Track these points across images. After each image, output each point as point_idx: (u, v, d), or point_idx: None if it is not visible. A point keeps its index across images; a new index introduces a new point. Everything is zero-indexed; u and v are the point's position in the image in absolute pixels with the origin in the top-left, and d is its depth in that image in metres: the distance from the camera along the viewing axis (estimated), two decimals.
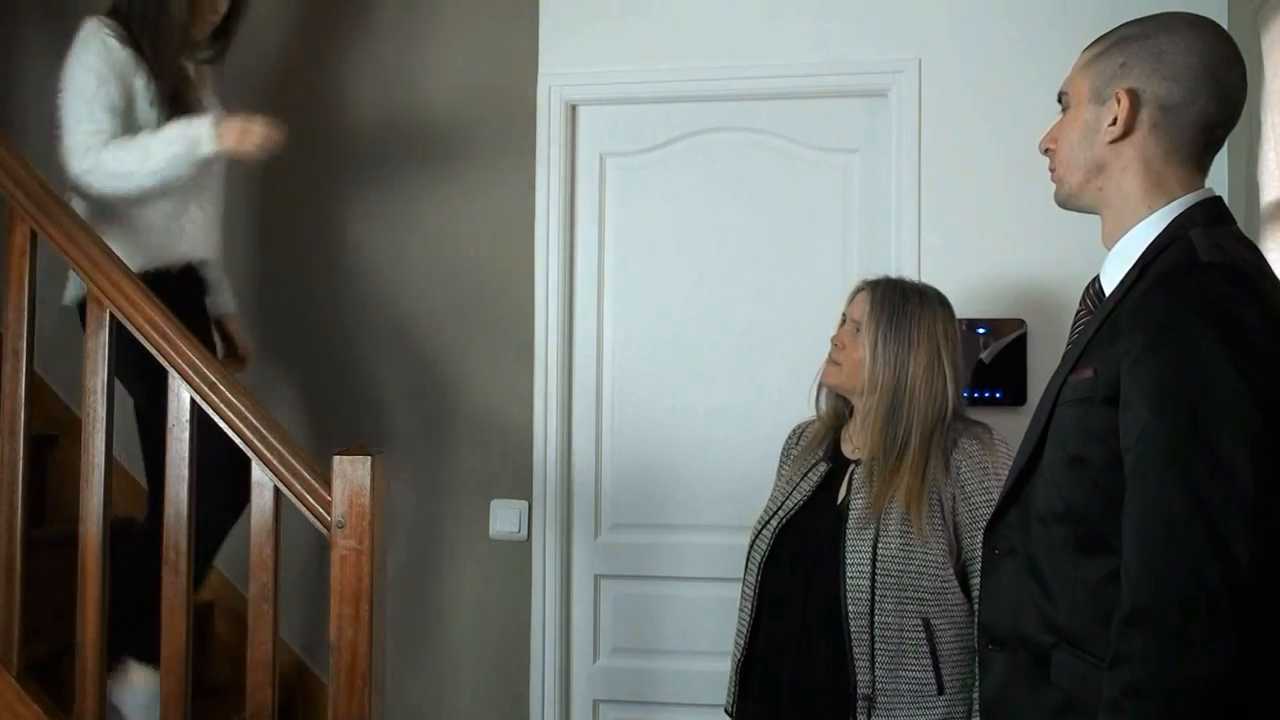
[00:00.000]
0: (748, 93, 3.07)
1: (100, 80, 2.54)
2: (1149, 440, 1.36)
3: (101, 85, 2.54)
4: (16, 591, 2.39)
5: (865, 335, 2.31)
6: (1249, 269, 1.44)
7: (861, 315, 2.33)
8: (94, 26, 2.58)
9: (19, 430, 2.41)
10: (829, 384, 2.40)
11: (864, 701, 2.15)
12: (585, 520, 3.12)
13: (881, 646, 2.16)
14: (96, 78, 2.54)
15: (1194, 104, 1.52)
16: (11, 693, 2.37)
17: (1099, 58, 1.58)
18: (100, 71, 2.54)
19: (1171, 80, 1.52)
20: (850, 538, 2.22)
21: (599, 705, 3.10)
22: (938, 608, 2.17)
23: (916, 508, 2.19)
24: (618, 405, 3.14)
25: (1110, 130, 1.55)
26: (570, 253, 3.15)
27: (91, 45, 2.56)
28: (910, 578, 2.17)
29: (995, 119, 2.92)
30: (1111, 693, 1.34)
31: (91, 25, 2.59)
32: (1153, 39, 1.54)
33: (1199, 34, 1.54)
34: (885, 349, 2.28)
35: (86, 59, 2.55)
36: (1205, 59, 1.52)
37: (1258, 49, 2.43)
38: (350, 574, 2.17)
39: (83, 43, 2.57)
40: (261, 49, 3.25)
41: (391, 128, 3.20)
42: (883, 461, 2.26)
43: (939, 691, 2.15)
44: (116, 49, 2.57)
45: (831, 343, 2.40)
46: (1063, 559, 1.48)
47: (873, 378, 2.28)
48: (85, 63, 2.55)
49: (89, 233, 2.41)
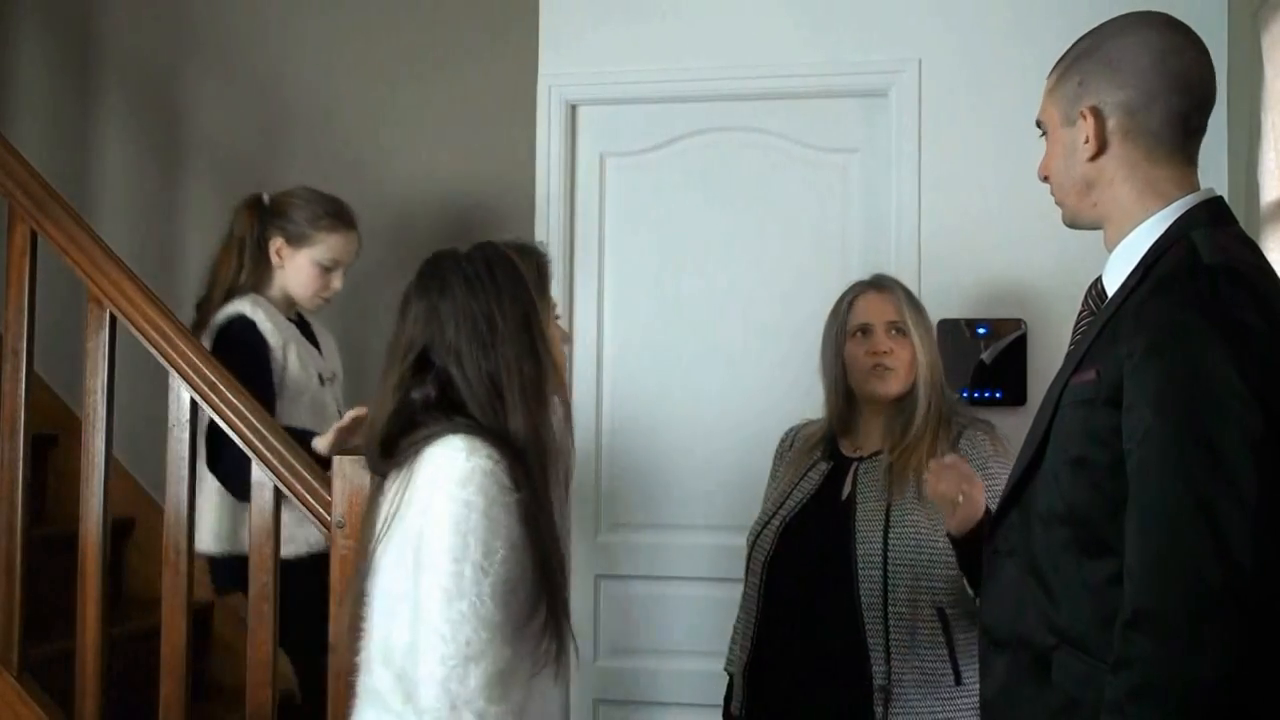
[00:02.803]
0: (748, 93, 3.07)
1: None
2: (1151, 442, 1.36)
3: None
4: (16, 591, 2.39)
5: (913, 332, 2.34)
6: (1251, 270, 1.44)
7: (896, 315, 2.35)
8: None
9: (19, 430, 2.41)
10: (889, 395, 2.34)
11: (880, 693, 2.15)
12: (585, 520, 3.12)
13: (896, 636, 2.16)
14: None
15: (1156, 102, 1.52)
16: (11, 693, 2.37)
17: (1060, 81, 1.60)
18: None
19: (1128, 86, 1.52)
20: (861, 530, 2.22)
21: (599, 705, 3.10)
22: (951, 597, 2.17)
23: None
24: (618, 405, 3.14)
25: (1086, 149, 1.55)
26: (570, 253, 3.15)
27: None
28: (923, 567, 2.18)
29: (995, 119, 2.92)
30: (1114, 695, 1.34)
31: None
32: (1102, 49, 1.55)
33: (1144, 32, 1.54)
34: (928, 341, 2.36)
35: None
36: (1154, 55, 1.52)
37: (1258, 49, 2.43)
38: (350, 574, 2.17)
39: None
40: (262, 49, 3.25)
41: (392, 128, 3.20)
42: (901, 449, 2.29)
43: (956, 681, 2.16)
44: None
45: (869, 355, 2.34)
46: (1065, 561, 1.48)
47: (928, 371, 2.33)
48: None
49: (89, 233, 2.41)
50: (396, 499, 1.65)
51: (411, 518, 1.62)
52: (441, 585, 1.56)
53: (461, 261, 1.72)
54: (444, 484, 1.59)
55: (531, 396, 1.67)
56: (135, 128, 3.31)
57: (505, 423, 1.65)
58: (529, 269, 1.75)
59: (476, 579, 1.56)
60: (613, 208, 3.17)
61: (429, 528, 1.59)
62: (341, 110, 3.23)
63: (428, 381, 1.68)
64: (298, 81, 3.25)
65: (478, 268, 1.71)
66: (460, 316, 1.68)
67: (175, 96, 3.30)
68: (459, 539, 1.57)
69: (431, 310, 1.70)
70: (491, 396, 1.66)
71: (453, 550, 1.56)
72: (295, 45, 3.25)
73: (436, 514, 1.59)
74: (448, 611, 1.55)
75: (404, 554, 1.62)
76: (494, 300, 1.68)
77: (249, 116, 3.26)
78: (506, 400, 1.66)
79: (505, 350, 1.67)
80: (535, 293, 1.74)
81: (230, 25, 3.28)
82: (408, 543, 1.62)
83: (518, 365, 1.67)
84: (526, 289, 1.72)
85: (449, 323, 1.68)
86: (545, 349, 1.71)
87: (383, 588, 1.66)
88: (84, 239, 2.39)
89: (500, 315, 1.67)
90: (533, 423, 1.66)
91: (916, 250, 2.94)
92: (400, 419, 1.69)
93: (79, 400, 2.41)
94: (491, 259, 1.73)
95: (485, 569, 1.57)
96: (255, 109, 3.26)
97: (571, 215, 3.16)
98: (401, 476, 1.66)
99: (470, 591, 1.56)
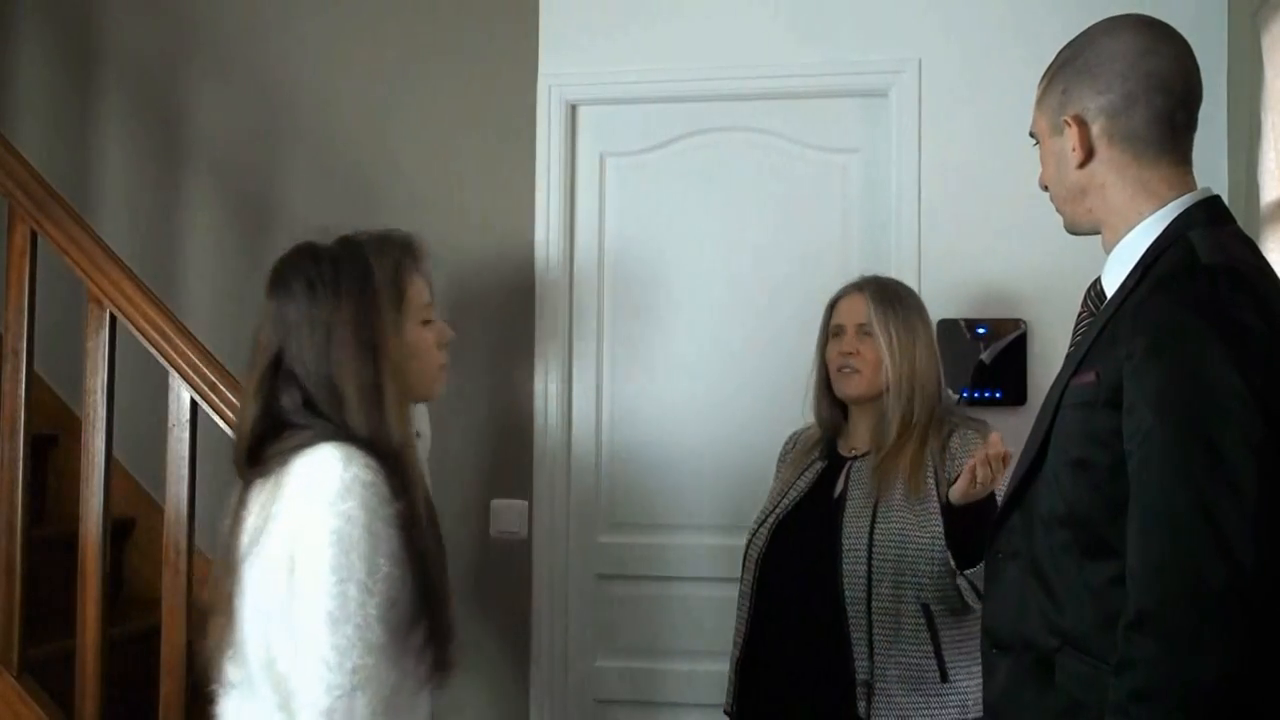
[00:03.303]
0: (748, 93, 3.07)
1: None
2: (1152, 443, 1.36)
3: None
4: (16, 591, 2.39)
5: (879, 334, 2.33)
6: (1250, 270, 1.44)
7: (864, 317, 2.34)
8: None
9: (19, 430, 2.41)
10: (852, 396, 2.37)
11: (863, 687, 2.16)
12: (585, 520, 3.12)
13: (879, 632, 2.17)
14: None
15: (1137, 104, 1.52)
16: (11, 693, 2.37)
17: (1046, 92, 1.61)
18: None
19: (1107, 91, 1.53)
20: (847, 524, 2.24)
21: (599, 705, 3.10)
22: (937, 594, 2.18)
23: (917, 482, 2.23)
24: (618, 406, 3.14)
25: (1074, 156, 1.56)
26: (570, 252, 3.15)
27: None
28: (907, 563, 2.18)
29: (995, 119, 2.91)
30: (1117, 697, 1.34)
31: None
32: (1081, 57, 1.57)
33: (1118, 35, 1.55)
34: (899, 344, 2.32)
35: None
36: (1129, 57, 1.53)
37: (1258, 49, 2.43)
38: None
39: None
40: (262, 49, 3.25)
41: (392, 128, 3.20)
42: (889, 447, 2.29)
43: (942, 679, 2.16)
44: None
45: (838, 356, 2.37)
46: (1066, 562, 1.48)
47: (895, 373, 2.31)
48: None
49: (89, 233, 2.41)
50: (264, 511, 1.56)
51: (282, 532, 1.53)
52: (325, 609, 1.48)
53: (307, 262, 1.66)
54: (321, 497, 1.51)
55: (371, 402, 1.60)
56: (135, 128, 3.31)
57: (371, 429, 1.58)
58: (384, 267, 1.67)
59: (362, 599, 1.49)
60: (613, 208, 3.17)
61: (306, 545, 1.51)
62: (341, 111, 3.22)
63: (293, 385, 1.62)
64: (298, 82, 3.25)
65: (323, 269, 1.64)
66: (302, 321, 1.62)
67: (175, 96, 3.30)
68: (341, 556, 1.49)
69: (279, 314, 1.65)
70: (334, 401, 1.59)
71: (335, 569, 1.49)
72: (295, 46, 3.25)
73: (315, 530, 1.50)
74: (333, 637, 1.48)
75: (274, 572, 1.54)
76: (333, 304, 1.62)
77: (249, 117, 3.26)
78: (346, 405, 1.59)
79: (342, 355, 1.60)
80: (387, 293, 1.66)
81: (230, 26, 3.28)
82: (278, 560, 1.53)
83: (355, 372, 1.60)
84: (373, 291, 1.64)
85: (293, 327, 1.63)
86: (388, 353, 1.63)
87: (254, 606, 1.57)
88: (84, 239, 2.40)
89: (339, 320, 1.61)
90: (375, 429, 1.59)
91: (916, 250, 2.94)
92: (265, 424, 1.62)
93: (79, 400, 2.41)
94: (339, 259, 1.66)
95: (370, 588, 1.50)
96: (255, 109, 3.26)
97: (571, 215, 3.16)
98: (268, 487, 1.58)
99: (356, 614, 1.49)
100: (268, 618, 1.55)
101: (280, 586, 1.53)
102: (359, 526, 1.50)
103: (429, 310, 1.75)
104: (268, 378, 1.63)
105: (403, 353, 1.66)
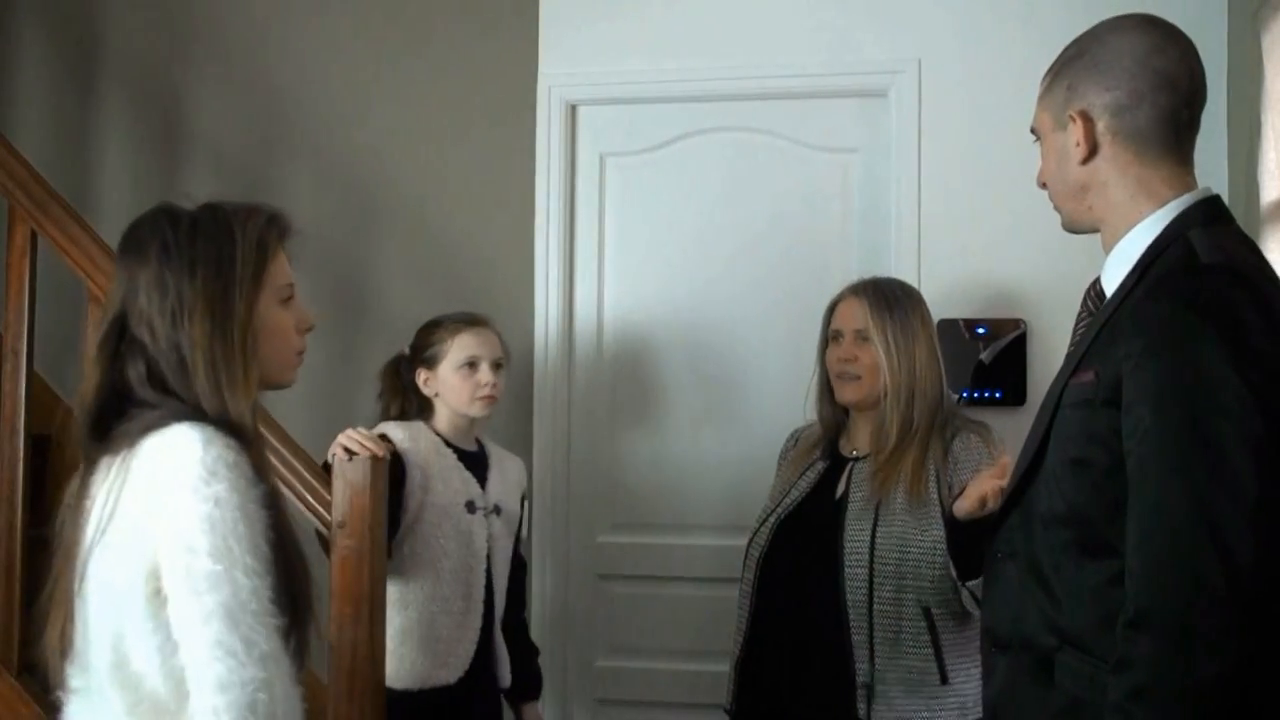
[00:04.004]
0: (748, 93, 3.07)
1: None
2: (1151, 443, 1.36)
3: None
4: (16, 591, 2.39)
5: (876, 340, 2.32)
6: (1249, 270, 1.44)
7: (862, 323, 2.34)
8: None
9: (19, 430, 2.41)
10: (851, 401, 2.37)
11: (863, 690, 2.16)
12: (585, 520, 3.12)
13: (880, 634, 2.17)
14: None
15: (1143, 102, 1.53)
16: (11, 692, 2.37)
17: (1050, 87, 1.61)
18: None
19: (1114, 88, 1.53)
20: (849, 526, 2.24)
21: (599, 705, 3.10)
22: (938, 597, 2.18)
23: (918, 487, 2.22)
24: (618, 405, 3.14)
25: (1077, 152, 1.56)
26: (570, 253, 3.15)
27: None
28: (908, 566, 2.18)
29: (995, 119, 2.91)
30: (1117, 696, 1.34)
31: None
32: (1089, 53, 1.57)
33: (1126, 33, 1.56)
34: (897, 348, 2.31)
35: None
36: (1137, 55, 1.53)
37: (1258, 49, 2.43)
38: (350, 574, 2.17)
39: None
40: (261, 49, 3.25)
41: (392, 128, 3.20)
42: (889, 452, 2.28)
43: (943, 681, 2.16)
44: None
45: (837, 362, 2.37)
46: (1066, 562, 1.49)
47: (893, 379, 2.30)
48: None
49: (89, 233, 2.41)
50: (111, 498, 1.43)
51: (135, 522, 1.41)
52: (217, 601, 1.36)
53: (165, 225, 1.53)
54: (183, 482, 1.38)
55: (223, 380, 1.48)
56: (135, 128, 3.31)
57: (220, 407, 1.47)
58: (245, 239, 1.54)
59: (254, 585, 1.38)
60: (613, 208, 3.17)
61: (176, 536, 1.37)
62: (341, 110, 3.22)
63: (139, 356, 1.50)
64: (297, 81, 3.25)
65: (180, 234, 1.51)
66: (153, 286, 1.49)
67: (175, 97, 3.30)
68: (219, 542, 1.37)
69: (129, 276, 1.52)
70: (181, 374, 1.48)
71: (217, 557, 1.36)
72: (295, 45, 3.25)
73: (183, 518, 1.37)
74: (236, 629, 1.36)
75: (125, 565, 1.40)
76: (187, 271, 1.49)
77: (248, 116, 3.26)
78: (194, 380, 1.47)
79: (194, 327, 1.48)
80: (247, 266, 1.53)
81: (230, 26, 3.28)
82: (130, 551, 1.40)
83: (207, 344, 1.48)
84: (233, 262, 1.52)
85: (142, 291, 1.50)
86: (242, 329, 1.51)
87: (100, 603, 1.43)
88: (84, 239, 2.39)
89: (192, 289, 1.49)
90: (226, 407, 1.47)
91: (916, 250, 2.94)
92: (107, 396, 1.49)
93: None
94: (200, 224, 1.53)
95: (258, 570, 1.38)
96: (255, 109, 3.26)
97: (571, 215, 3.16)
98: (116, 470, 1.44)
99: (250, 600, 1.37)
100: (118, 614, 1.41)
101: (135, 582, 1.40)
102: (231, 509, 1.38)
103: (290, 290, 1.62)
104: (110, 342, 1.51)
105: (256, 331, 1.54)
